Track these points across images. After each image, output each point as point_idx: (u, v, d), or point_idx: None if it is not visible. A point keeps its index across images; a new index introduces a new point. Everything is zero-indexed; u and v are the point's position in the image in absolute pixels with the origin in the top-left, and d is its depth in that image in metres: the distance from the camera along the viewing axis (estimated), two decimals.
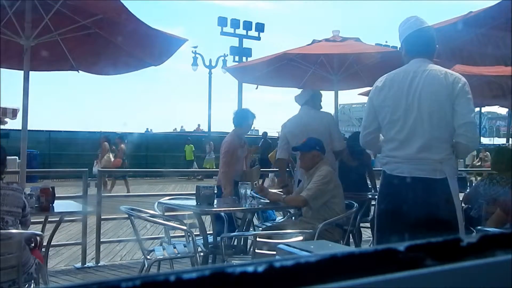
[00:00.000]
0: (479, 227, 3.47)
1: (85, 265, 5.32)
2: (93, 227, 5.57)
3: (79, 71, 5.21)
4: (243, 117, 5.38)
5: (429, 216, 2.68)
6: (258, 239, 3.57)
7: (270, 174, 13.20)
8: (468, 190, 5.38)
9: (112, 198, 7.65)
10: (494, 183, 4.54)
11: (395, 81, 2.88)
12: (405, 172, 2.81)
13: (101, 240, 5.58)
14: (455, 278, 0.49)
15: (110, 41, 4.79)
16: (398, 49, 3.21)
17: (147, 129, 30.27)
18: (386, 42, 23.89)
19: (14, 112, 11.94)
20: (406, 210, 2.74)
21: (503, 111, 21.33)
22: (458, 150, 2.91)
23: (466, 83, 2.80)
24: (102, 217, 5.65)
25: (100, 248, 5.55)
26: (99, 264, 5.41)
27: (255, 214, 5.09)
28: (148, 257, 3.93)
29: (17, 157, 9.45)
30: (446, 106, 2.77)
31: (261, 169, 7.67)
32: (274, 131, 24.28)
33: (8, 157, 3.67)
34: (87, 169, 5.96)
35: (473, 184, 5.67)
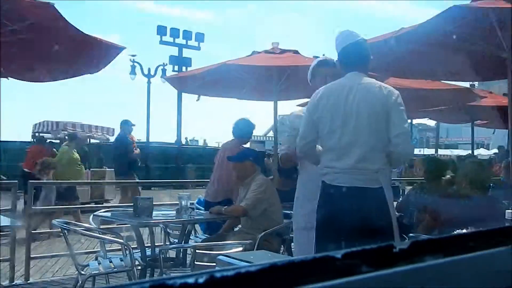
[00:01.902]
0: (411, 234, 3.62)
1: (13, 283, 5.03)
2: (23, 242, 5.29)
3: (9, 78, 4.97)
4: (244, 128, 5.16)
5: (367, 225, 2.74)
6: (197, 251, 3.54)
7: None
8: (400, 199, 5.61)
9: (44, 212, 7.30)
10: (424, 191, 4.77)
11: (332, 93, 2.96)
12: (344, 183, 2.88)
13: (31, 255, 5.31)
14: (389, 283, 0.51)
15: (44, 47, 4.61)
16: (335, 61, 3.30)
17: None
18: (324, 55, 24.53)
19: None
20: (346, 220, 2.80)
21: (432, 123, 22.48)
22: (393, 159, 3.02)
23: (399, 95, 2.92)
24: (32, 231, 5.38)
25: (30, 264, 5.27)
26: (29, 281, 5.13)
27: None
28: (82, 272, 3.78)
29: None
30: (381, 118, 2.87)
31: None
32: (213, 141, 24.17)
33: None
34: (16, 181, 5.67)
35: (405, 193, 5.92)
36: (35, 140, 15.00)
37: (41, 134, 15.69)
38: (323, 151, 3.04)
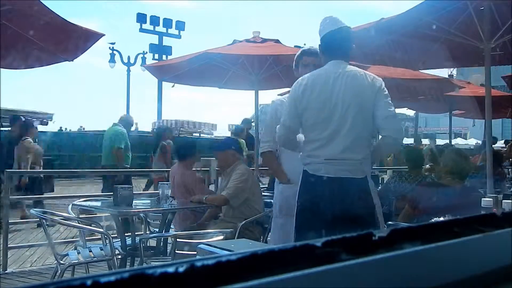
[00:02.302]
0: (390, 222, 3.67)
1: None
2: (0, 231, 5.21)
3: None
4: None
5: (352, 215, 2.72)
6: (178, 239, 3.53)
7: None
8: (379, 187, 5.68)
9: (22, 201, 7.20)
10: (403, 180, 4.83)
11: (317, 82, 2.90)
12: (328, 173, 2.83)
13: (8, 245, 5.24)
14: (368, 270, 0.52)
15: (20, 33, 4.51)
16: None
17: (60, 127, 28.82)
18: (305, 44, 24.56)
19: None
20: (329, 211, 2.76)
21: (411, 112, 22.73)
22: (387, 145, 3.05)
23: (382, 82, 2.90)
24: (10, 221, 5.30)
25: (8, 254, 5.20)
26: (6, 272, 5.07)
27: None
28: (62, 262, 3.75)
29: None
30: (368, 105, 2.84)
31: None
32: (195, 131, 24.05)
33: None
34: None
35: (385, 182, 6.00)
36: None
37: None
38: (307, 140, 2.97)
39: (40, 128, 20.70)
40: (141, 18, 23.25)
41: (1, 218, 5.22)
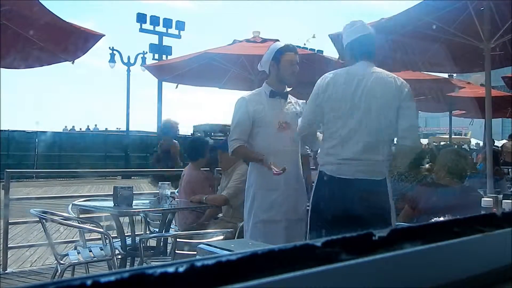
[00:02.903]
0: None
1: None
2: (0, 231, 5.21)
3: None
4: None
5: (370, 217, 2.65)
6: (178, 239, 3.53)
7: None
8: None
9: (22, 201, 7.20)
10: (402, 179, 4.83)
11: (343, 79, 2.88)
12: (347, 174, 2.78)
13: (9, 245, 5.24)
14: (368, 270, 0.52)
15: (20, 34, 4.51)
16: (316, 51, 3.32)
17: (65, 127, 28.93)
18: (305, 44, 24.56)
19: None
20: (347, 212, 2.69)
21: None
22: (403, 153, 3.04)
23: (410, 88, 2.90)
24: (10, 221, 5.30)
25: (8, 254, 5.20)
26: (6, 271, 5.07)
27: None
28: (61, 262, 3.75)
29: None
30: (393, 109, 2.81)
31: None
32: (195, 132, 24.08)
33: None
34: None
35: None
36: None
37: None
38: (326, 137, 2.92)
39: (41, 128, 20.74)
40: (141, 18, 23.23)
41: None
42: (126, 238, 4.27)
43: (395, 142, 3.09)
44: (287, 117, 3.30)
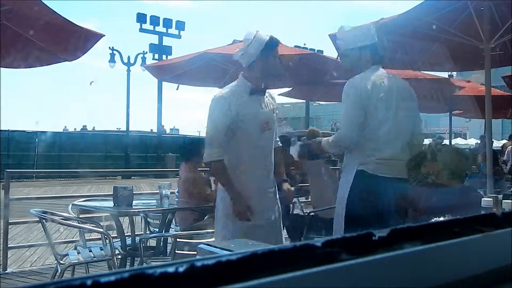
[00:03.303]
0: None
1: None
2: (0, 231, 5.21)
3: None
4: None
5: (403, 215, 2.85)
6: (178, 239, 3.53)
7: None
8: None
9: (22, 201, 7.20)
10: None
11: (381, 83, 2.96)
12: (387, 173, 2.89)
13: (9, 245, 5.24)
14: (368, 270, 0.52)
15: (20, 34, 4.50)
16: (316, 51, 3.34)
17: (65, 127, 28.97)
18: (305, 44, 24.59)
19: None
20: (386, 208, 2.84)
21: None
22: (413, 152, 3.10)
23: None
24: (10, 221, 5.30)
25: (8, 254, 5.20)
26: (6, 271, 5.07)
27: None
28: (62, 261, 3.75)
29: None
30: (414, 110, 3.10)
31: None
32: (195, 131, 24.09)
33: None
34: None
35: None
36: None
37: None
38: (368, 139, 2.94)
39: (39, 128, 20.71)
40: (141, 18, 23.21)
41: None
42: (126, 238, 4.27)
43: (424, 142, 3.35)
44: (268, 116, 3.06)
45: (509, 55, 4.95)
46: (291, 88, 7.43)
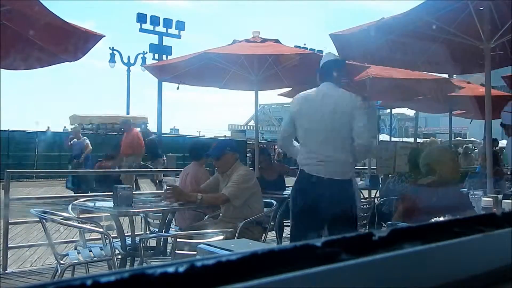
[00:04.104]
0: (389, 222, 3.66)
1: None
2: (0, 231, 5.21)
3: None
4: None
5: (338, 214, 3.28)
6: (178, 239, 3.53)
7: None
8: (380, 187, 5.67)
9: (22, 201, 7.20)
10: (402, 179, 4.83)
11: (309, 98, 3.62)
12: (320, 173, 3.42)
13: (9, 245, 5.23)
14: (368, 270, 0.52)
15: (20, 34, 4.50)
16: (315, 51, 3.47)
17: (65, 127, 28.91)
18: (305, 44, 24.58)
19: None
20: (320, 208, 3.34)
21: (411, 112, 22.78)
22: (358, 150, 3.55)
23: (364, 101, 3.74)
24: (10, 221, 5.30)
25: (8, 254, 5.20)
26: (6, 272, 5.07)
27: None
28: (62, 261, 3.75)
29: None
30: (349, 117, 3.47)
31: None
32: (194, 130, 24.05)
33: None
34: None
35: (386, 181, 5.99)
36: None
37: None
38: (303, 144, 3.63)
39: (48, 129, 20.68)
40: (141, 18, 23.16)
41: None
42: (126, 238, 4.27)
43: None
44: None
45: (509, 55, 4.95)
46: (291, 88, 7.42)
